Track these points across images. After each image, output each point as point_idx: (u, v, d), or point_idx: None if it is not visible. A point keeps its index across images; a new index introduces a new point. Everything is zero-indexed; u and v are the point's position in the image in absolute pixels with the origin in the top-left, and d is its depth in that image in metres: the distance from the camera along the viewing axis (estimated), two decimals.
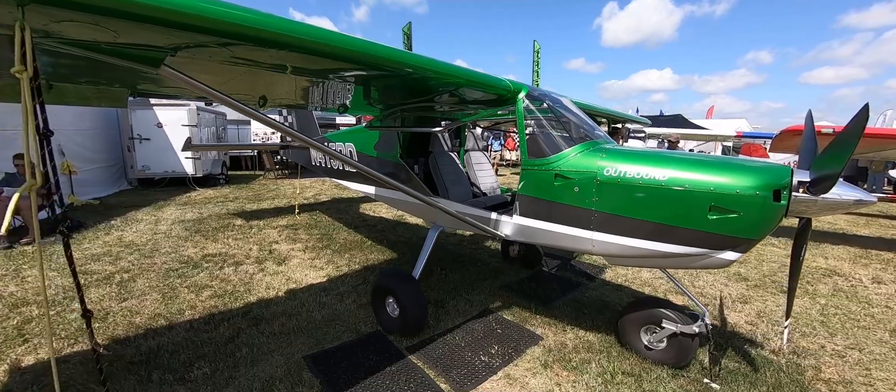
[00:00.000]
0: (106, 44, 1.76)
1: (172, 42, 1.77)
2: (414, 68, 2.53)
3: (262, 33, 1.77)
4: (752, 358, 3.50)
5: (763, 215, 2.60)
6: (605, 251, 3.14)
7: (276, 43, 1.87)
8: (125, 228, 6.92)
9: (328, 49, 2.05)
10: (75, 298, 4.20)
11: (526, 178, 3.40)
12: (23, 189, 1.50)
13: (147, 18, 1.49)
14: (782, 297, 4.78)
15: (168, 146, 10.25)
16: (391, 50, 2.35)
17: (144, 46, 1.80)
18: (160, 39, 1.74)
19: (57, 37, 1.69)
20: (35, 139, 1.52)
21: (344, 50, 2.12)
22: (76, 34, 1.65)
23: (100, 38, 1.71)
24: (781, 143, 6.76)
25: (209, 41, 1.79)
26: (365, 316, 4.04)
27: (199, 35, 1.67)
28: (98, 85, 2.72)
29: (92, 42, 1.75)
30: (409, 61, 2.47)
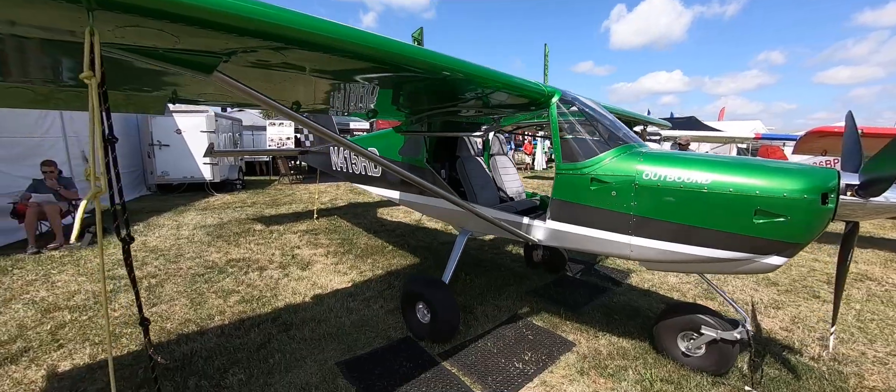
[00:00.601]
0: (164, 49, 1.77)
1: (229, 47, 1.78)
2: (456, 72, 2.52)
3: (325, 39, 1.78)
4: (793, 365, 3.42)
5: (811, 219, 2.54)
6: (643, 256, 3.10)
7: (334, 48, 1.87)
8: (148, 233, 7.00)
9: (382, 55, 2.06)
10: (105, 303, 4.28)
11: (560, 182, 3.37)
12: (90, 196, 1.50)
13: (214, 24, 1.49)
14: (815, 303, 4.69)
15: (187, 152, 10.39)
16: (440, 55, 2.35)
17: (201, 52, 1.82)
18: (218, 45, 1.75)
19: (117, 44, 1.70)
20: (101, 145, 1.51)
21: (398, 55, 2.13)
22: (137, 40, 1.66)
23: (160, 44, 1.72)
24: (806, 144, 6.65)
25: (265, 46, 1.80)
26: (394, 321, 4.02)
27: (258, 40, 1.67)
28: (141, 91, 2.75)
29: (151, 48, 1.76)
30: (453, 65, 2.47)
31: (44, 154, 6.92)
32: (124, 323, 3.93)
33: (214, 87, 2.78)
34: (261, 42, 1.70)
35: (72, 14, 1.37)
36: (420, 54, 2.26)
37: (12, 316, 4.06)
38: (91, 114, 1.43)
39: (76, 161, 7.89)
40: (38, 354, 3.43)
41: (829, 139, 6.40)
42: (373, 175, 5.51)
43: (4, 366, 3.27)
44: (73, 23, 1.45)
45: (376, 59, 2.15)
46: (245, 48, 1.80)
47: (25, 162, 6.80)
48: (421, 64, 2.31)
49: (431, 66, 2.39)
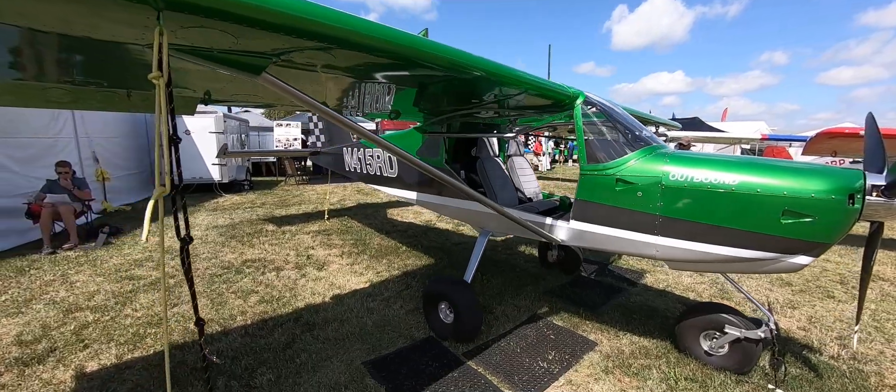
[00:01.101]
0: (219, 51, 1.80)
1: (281, 48, 1.81)
2: (493, 75, 2.55)
3: (377, 41, 1.82)
4: (814, 364, 3.46)
5: (838, 219, 2.58)
6: (669, 255, 3.13)
7: (382, 49, 1.90)
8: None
9: (438, 60, 2.10)
10: (127, 304, 4.30)
11: (585, 183, 3.40)
12: (156, 196, 1.53)
13: (278, 26, 1.53)
14: (830, 302, 4.73)
15: (196, 153, 10.40)
16: (486, 60, 2.40)
17: (254, 53, 1.85)
18: (273, 46, 1.78)
19: (174, 44, 1.72)
20: (167, 145, 1.53)
21: (440, 57, 2.16)
22: (195, 41, 1.69)
23: (217, 46, 1.74)
24: (816, 145, 6.70)
25: (317, 46, 1.83)
26: (415, 321, 4.05)
27: (315, 41, 1.71)
28: (179, 90, 2.77)
29: (205, 49, 1.78)
30: (493, 68, 2.50)
31: (56, 155, 6.94)
32: (147, 323, 3.95)
33: (248, 88, 2.82)
34: (316, 43, 1.74)
35: (139, 16, 1.40)
36: (473, 60, 2.30)
37: (34, 316, 4.08)
38: (158, 114, 1.45)
39: (87, 161, 7.91)
40: (65, 354, 3.45)
41: (839, 140, 6.45)
42: (388, 176, 5.54)
43: (32, 366, 3.29)
44: (139, 24, 1.48)
45: (430, 63, 2.19)
46: (296, 49, 1.83)
47: (39, 162, 6.82)
48: (472, 68, 2.35)
49: (477, 70, 2.43)
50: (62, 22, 1.47)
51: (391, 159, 5.43)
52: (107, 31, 1.54)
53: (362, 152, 6.10)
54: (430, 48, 2.09)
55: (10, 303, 4.35)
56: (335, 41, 1.80)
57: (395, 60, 2.16)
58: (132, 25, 1.49)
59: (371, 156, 5.89)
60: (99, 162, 8.02)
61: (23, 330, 3.80)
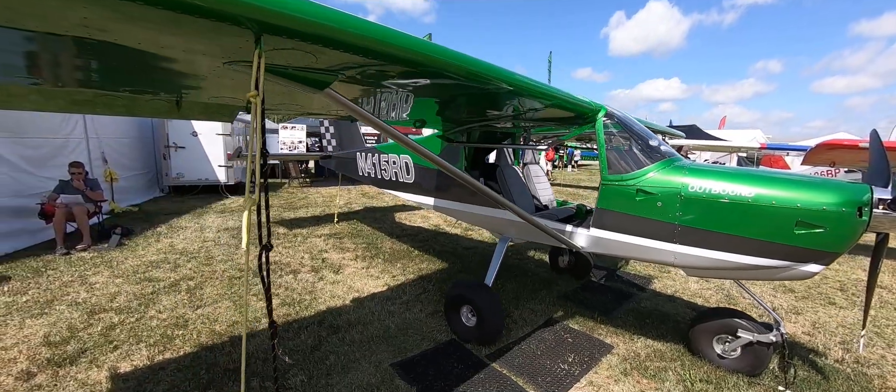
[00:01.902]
0: (294, 68, 1.91)
1: (352, 66, 1.93)
2: (516, 87, 2.68)
3: (451, 67, 1.96)
4: (820, 367, 3.63)
5: (848, 230, 2.75)
6: (686, 263, 3.29)
7: (442, 72, 2.04)
8: (173, 235, 7.06)
9: (486, 78, 2.24)
10: (150, 305, 4.36)
11: (606, 192, 3.55)
12: (248, 206, 1.63)
13: (365, 50, 1.65)
14: (831, 309, 4.92)
15: (202, 154, 10.44)
16: (527, 79, 2.54)
17: (325, 71, 1.96)
18: (349, 64, 1.89)
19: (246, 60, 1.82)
20: (260, 159, 1.63)
21: (501, 79, 2.32)
22: (277, 59, 1.79)
23: (295, 63, 1.85)
24: (816, 156, 6.94)
25: (385, 66, 1.96)
26: (436, 324, 4.16)
27: (391, 64, 1.83)
28: (221, 100, 2.87)
29: (282, 66, 1.89)
30: (527, 85, 2.64)
31: (68, 155, 6.97)
32: (174, 324, 4.02)
33: (296, 98, 2.93)
34: (394, 66, 1.87)
35: (238, 39, 1.50)
36: (514, 78, 2.44)
37: (59, 316, 4.13)
38: (252, 129, 1.55)
39: (97, 162, 7.92)
40: (96, 356, 3.50)
41: (837, 152, 6.69)
42: (405, 181, 5.65)
43: (65, 366, 3.34)
44: (234, 46, 1.58)
45: (488, 83, 2.33)
46: (367, 67, 1.95)
47: (50, 162, 6.83)
48: (509, 83, 2.48)
49: (519, 88, 2.57)
50: (153, 42, 1.57)
51: (408, 165, 5.55)
52: (197, 51, 1.64)
53: (377, 157, 6.21)
54: (491, 71, 2.24)
55: (33, 303, 4.39)
56: (411, 64, 1.94)
57: (457, 82, 2.29)
58: (226, 47, 1.59)
59: (386, 161, 6.00)
60: (107, 162, 8.03)
61: (50, 331, 3.85)
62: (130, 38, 1.49)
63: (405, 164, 5.60)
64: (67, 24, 1.31)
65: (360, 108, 2.21)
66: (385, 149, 6.10)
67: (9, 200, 6.06)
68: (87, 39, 1.46)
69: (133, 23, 1.32)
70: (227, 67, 1.89)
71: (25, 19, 1.30)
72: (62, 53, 1.69)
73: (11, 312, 4.17)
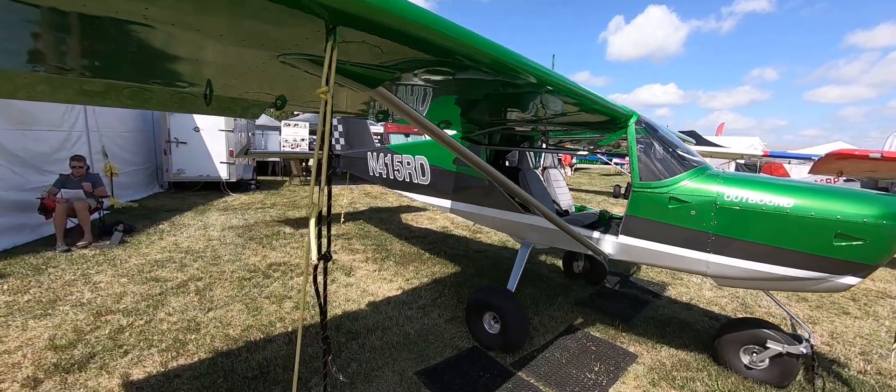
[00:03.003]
0: (352, 64, 1.80)
1: (413, 63, 1.83)
2: (565, 92, 2.61)
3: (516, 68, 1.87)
4: (845, 379, 3.61)
5: (887, 243, 2.72)
6: (720, 273, 3.24)
7: (515, 78, 1.96)
8: (176, 233, 6.88)
9: (551, 83, 2.16)
10: (159, 307, 4.21)
11: (637, 199, 3.49)
12: (312, 214, 1.52)
13: (435, 47, 1.55)
14: (846, 319, 4.92)
15: (204, 150, 10.22)
16: (568, 80, 2.47)
17: (383, 68, 1.86)
18: (414, 61, 1.79)
19: (311, 55, 1.70)
20: (327, 161, 1.52)
21: (554, 83, 2.24)
22: (339, 54, 1.68)
23: (354, 59, 1.75)
24: (824, 165, 6.98)
25: (448, 65, 1.87)
26: (456, 331, 4.08)
27: (455, 63, 1.75)
28: (251, 95, 2.73)
29: (341, 61, 1.78)
30: (575, 89, 2.56)
31: (69, 149, 6.77)
32: (186, 328, 3.88)
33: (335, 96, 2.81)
34: (455, 64, 1.78)
35: (305, 29, 1.39)
36: (565, 83, 2.37)
37: (63, 318, 3.97)
38: (320, 128, 1.44)
39: (97, 156, 7.70)
40: (107, 361, 3.35)
41: (846, 162, 6.73)
42: (419, 183, 5.55)
43: (74, 373, 3.19)
44: (303, 35, 1.47)
45: (544, 88, 2.25)
46: (423, 65, 1.85)
47: (52, 156, 6.62)
48: (558, 87, 2.41)
49: (564, 91, 2.49)
50: (213, 28, 1.44)
51: (423, 166, 5.45)
52: (255, 41, 1.53)
53: (390, 158, 6.10)
54: (559, 81, 2.16)
55: (35, 304, 4.22)
56: (490, 69, 1.86)
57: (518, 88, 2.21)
58: (289, 38, 1.48)
59: (399, 162, 5.90)
60: (108, 157, 7.81)
61: (55, 333, 3.69)
62: (191, 23, 1.37)
63: (420, 166, 5.50)
64: (128, 7, 1.20)
65: (410, 109, 2.11)
66: (398, 149, 5.99)
67: (8, 194, 5.84)
68: (138, 24, 1.34)
69: (202, 9, 1.21)
70: (274, 61, 1.78)
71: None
72: (101, 38, 1.54)
73: (13, 313, 3.99)
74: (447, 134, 2.45)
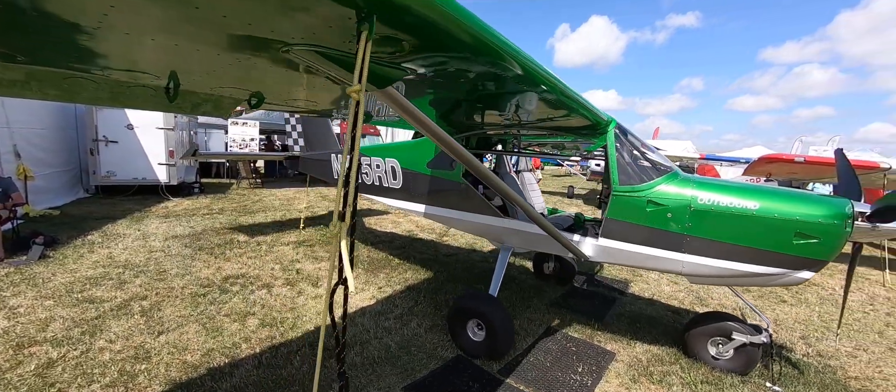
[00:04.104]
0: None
1: (433, 61, 1.69)
2: (561, 96, 2.59)
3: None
4: (794, 362, 3.98)
5: (838, 240, 3.01)
6: (694, 271, 3.42)
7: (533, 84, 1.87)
8: (110, 245, 6.06)
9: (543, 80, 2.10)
10: (97, 334, 3.66)
11: (616, 203, 3.59)
12: (338, 232, 1.33)
13: (470, 47, 1.44)
14: (785, 307, 5.46)
15: (138, 150, 9.10)
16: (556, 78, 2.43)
17: (399, 67, 1.70)
18: (436, 59, 1.65)
19: (318, 46, 1.49)
20: (355, 165, 1.34)
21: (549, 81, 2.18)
22: (351, 48, 1.50)
23: (380, 55, 1.58)
24: (756, 167, 7.74)
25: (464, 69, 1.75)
26: (438, 340, 3.96)
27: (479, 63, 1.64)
28: (225, 90, 2.42)
29: (348, 55, 1.60)
30: (567, 91, 2.54)
31: None
32: (134, 357, 3.39)
33: (311, 94, 2.57)
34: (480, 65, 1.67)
35: (331, 17, 1.21)
36: (561, 85, 2.32)
37: None
38: (350, 129, 1.26)
39: (7, 156, 6.57)
40: None
41: (774, 165, 7.52)
42: (391, 186, 5.35)
43: None
44: (327, 24, 1.28)
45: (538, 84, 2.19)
46: (441, 63, 1.72)
47: None
48: (557, 92, 2.37)
49: (557, 92, 2.45)
50: (216, 14, 1.21)
51: (394, 169, 5.26)
52: (267, 27, 1.31)
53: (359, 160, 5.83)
54: (567, 92, 2.11)
55: None
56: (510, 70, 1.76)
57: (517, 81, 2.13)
58: (310, 25, 1.28)
59: (368, 165, 5.65)
60: (20, 157, 6.71)
61: None
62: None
63: (391, 169, 5.31)
64: None
65: (419, 112, 1.96)
66: (367, 151, 5.74)
67: None
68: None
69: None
70: (270, 52, 1.56)
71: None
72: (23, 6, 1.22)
73: None
74: (441, 134, 2.30)
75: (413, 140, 5.10)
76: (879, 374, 3.91)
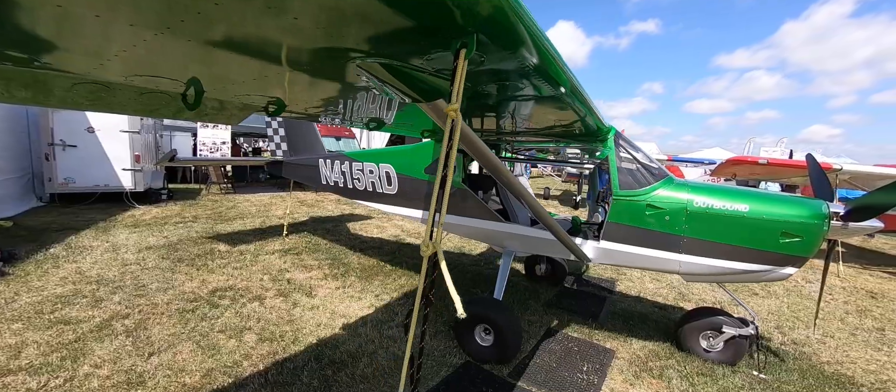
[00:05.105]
0: (421, 69, 1.61)
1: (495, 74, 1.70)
2: (576, 99, 2.65)
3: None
4: (774, 351, 4.29)
5: (818, 238, 3.30)
6: (690, 271, 3.62)
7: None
8: (77, 259, 5.59)
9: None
10: (79, 358, 3.39)
11: (617, 207, 3.74)
12: (428, 253, 1.30)
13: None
14: (756, 299, 5.87)
15: (100, 155, 8.41)
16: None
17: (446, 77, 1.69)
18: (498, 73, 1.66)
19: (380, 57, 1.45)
20: (447, 190, 1.31)
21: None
22: (413, 59, 1.47)
23: (441, 67, 1.57)
24: (723, 169, 8.27)
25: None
26: (444, 346, 3.95)
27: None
28: (246, 97, 2.29)
29: (408, 65, 1.58)
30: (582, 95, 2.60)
31: None
32: (127, 382, 3.15)
33: (339, 102, 2.50)
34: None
35: (427, 31, 1.17)
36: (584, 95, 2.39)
37: None
38: (443, 155, 1.24)
39: None
40: None
41: (739, 166, 8.06)
42: (385, 192, 5.28)
43: None
44: (419, 40, 1.24)
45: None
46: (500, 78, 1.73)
47: None
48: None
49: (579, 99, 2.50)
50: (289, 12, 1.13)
51: (389, 175, 5.20)
52: (342, 35, 1.25)
53: (348, 166, 5.71)
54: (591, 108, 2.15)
55: None
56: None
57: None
58: (393, 39, 1.24)
59: (360, 170, 5.56)
60: None
61: None
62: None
63: (386, 174, 5.24)
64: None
65: (470, 131, 1.94)
66: (359, 157, 5.65)
67: None
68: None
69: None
70: (332, 62, 1.50)
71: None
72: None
73: None
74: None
75: (408, 146, 5.06)
76: (847, 358, 4.28)
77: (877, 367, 4.14)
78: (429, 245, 1.29)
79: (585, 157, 5.77)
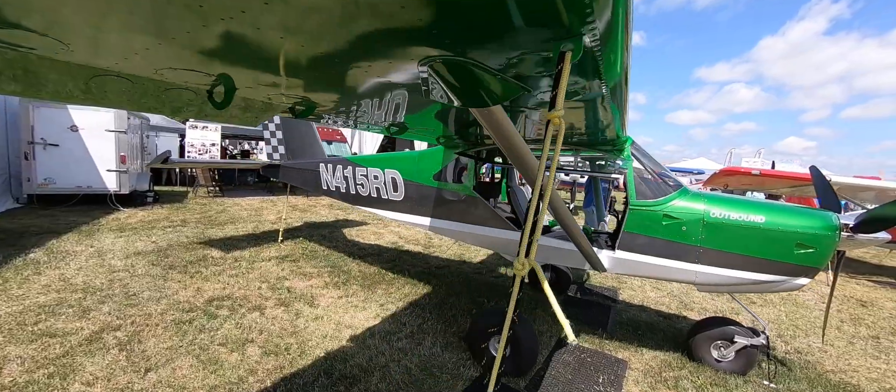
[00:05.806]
0: (488, 71, 1.53)
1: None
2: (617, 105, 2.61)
3: None
4: (781, 360, 4.33)
5: (830, 249, 3.34)
6: (706, 281, 3.62)
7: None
8: (60, 265, 5.26)
9: None
10: (69, 375, 3.15)
11: (634, 216, 3.72)
12: (520, 273, 1.21)
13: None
14: (755, 307, 5.96)
15: (83, 155, 7.99)
16: None
17: (504, 79, 1.62)
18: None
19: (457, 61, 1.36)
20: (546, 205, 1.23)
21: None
22: (484, 58, 1.39)
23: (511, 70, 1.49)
24: (716, 179, 8.44)
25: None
26: (457, 358, 3.85)
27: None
28: (270, 98, 2.16)
29: (481, 65, 1.50)
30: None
31: None
32: None
33: (367, 105, 2.39)
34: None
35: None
36: None
37: None
38: (542, 164, 1.15)
39: None
40: None
41: (732, 177, 8.24)
42: (390, 198, 5.16)
43: None
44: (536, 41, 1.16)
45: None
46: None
47: None
48: None
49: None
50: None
51: (395, 181, 5.09)
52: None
53: (351, 171, 5.57)
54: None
55: None
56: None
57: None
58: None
59: (364, 176, 5.42)
60: None
61: None
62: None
63: (392, 180, 5.13)
64: None
65: (517, 133, 1.86)
66: (363, 162, 5.51)
67: None
68: None
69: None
70: (397, 63, 1.40)
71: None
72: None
73: None
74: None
75: (416, 151, 4.96)
76: (849, 367, 4.36)
77: (878, 376, 4.23)
78: (524, 263, 1.20)
79: (579, 163, 5.74)
